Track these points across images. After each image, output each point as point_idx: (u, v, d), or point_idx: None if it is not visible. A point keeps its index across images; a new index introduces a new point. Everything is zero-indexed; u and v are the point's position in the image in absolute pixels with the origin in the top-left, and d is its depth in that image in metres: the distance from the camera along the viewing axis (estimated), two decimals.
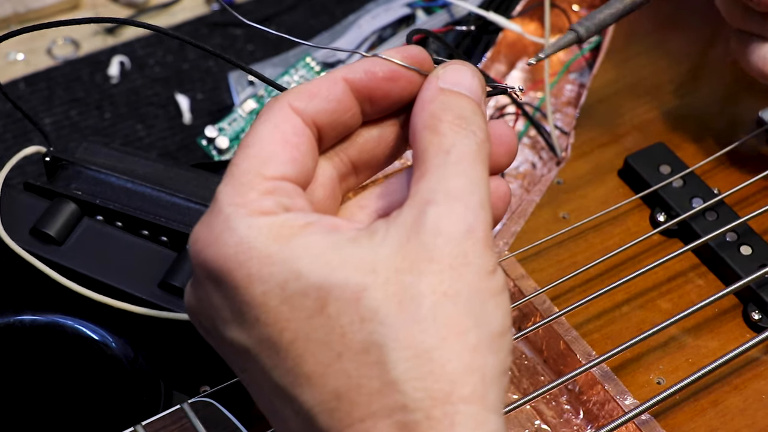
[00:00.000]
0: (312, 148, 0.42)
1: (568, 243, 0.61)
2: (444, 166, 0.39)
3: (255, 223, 0.38)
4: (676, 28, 0.74)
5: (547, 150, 0.67)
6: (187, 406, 0.48)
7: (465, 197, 0.39)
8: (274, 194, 0.39)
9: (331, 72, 0.42)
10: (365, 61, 0.42)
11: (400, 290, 0.37)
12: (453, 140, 0.40)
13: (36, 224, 0.55)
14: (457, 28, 0.72)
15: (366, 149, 0.44)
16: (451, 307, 0.37)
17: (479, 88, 0.43)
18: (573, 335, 0.56)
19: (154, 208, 0.57)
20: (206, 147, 0.72)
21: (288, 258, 0.37)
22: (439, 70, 0.42)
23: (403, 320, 0.37)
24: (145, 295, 0.53)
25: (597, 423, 0.55)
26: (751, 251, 0.60)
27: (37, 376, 0.54)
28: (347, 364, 0.37)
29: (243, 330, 0.39)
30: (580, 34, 0.48)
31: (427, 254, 0.37)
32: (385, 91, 0.42)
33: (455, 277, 0.37)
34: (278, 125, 0.41)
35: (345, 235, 0.38)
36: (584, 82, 0.71)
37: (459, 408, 0.36)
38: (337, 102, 0.42)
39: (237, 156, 0.40)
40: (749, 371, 0.56)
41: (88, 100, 0.79)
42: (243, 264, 0.38)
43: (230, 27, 0.85)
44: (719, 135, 0.67)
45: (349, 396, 0.37)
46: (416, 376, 0.36)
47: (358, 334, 0.37)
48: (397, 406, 0.36)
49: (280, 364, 0.38)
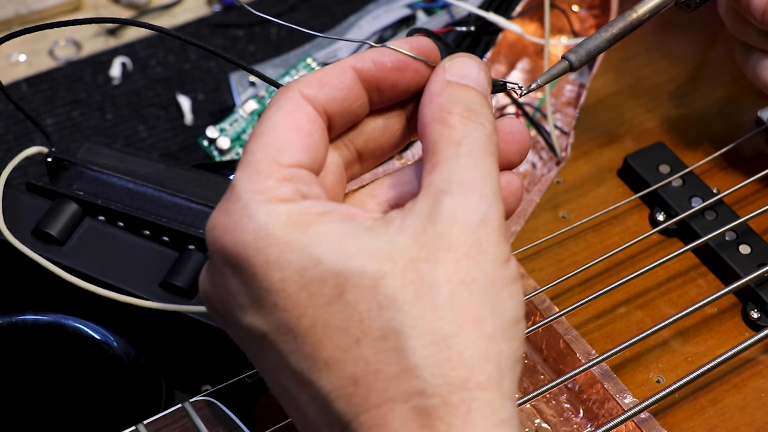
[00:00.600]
0: (324, 136, 0.42)
1: (568, 242, 0.61)
2: (456, 158, 0.40)
3: (274, 210, 0.39)
4: (676, 29, 0.74)
5: (547, 150, 0.68)
6: (188, 405, 0.48)
7: (479, 187, 0.39)
8: (291, 181, 0.40)
9: (340, 61, 0.43)
10: (373, 50, 0.43)
11: (418, 278, 0.37)
12: (463, 132, 0.40)
13: (38, 224, 0.55)
14: (457, 28, 0.72)
15: (372, 138, 0.45)
16: (468, 295, 0.38)
17: (485, 81, 0.43)
18: (573, 334, 0.57)
19: (156, 209, 0.57)
20: (207, 148, 0.72)
21: (307, 245, 0.38)
22: (445, 63, 0.43)
23: (420, 307, 0.37)
24: (147, 295, 0.53)
25: (597, 421, 0.55)
26: (750, 250, 0.60)
27: (39, 376, 0.55)
28: (365, 350, 0.37)
29: (260, 316, 0.39)
30: (572, 62, 0.49)
31: (443, 243, 0.38)
32: (393, 81, 0.43)
33: (471, 266, 0.38)
34: (291, 113, 0.41)
35: (362, 224, 0.39)
36: (584, 83, 0.71)
37: (475, 394, 0.37)
38: (347, 90, 0.42)
39: (251, 143, 0.41)
40: (748, 370, 0.56)
41: (89, 101, 0.79)
42: (262, 250, 0.38)
43: (232, 28, 0.85)
44: (718, 135, 0.67)
45: (366, 381, 0.37)
46: (434, 362, 0.37)
47: (376, 321, 0.37)
48: (414, 392, 0.37)
49: (297, 350, 0.38)
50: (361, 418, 0.37)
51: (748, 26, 0.60)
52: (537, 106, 0.70)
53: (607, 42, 0.50)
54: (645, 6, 0.52)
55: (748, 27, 0.60)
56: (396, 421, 0.37)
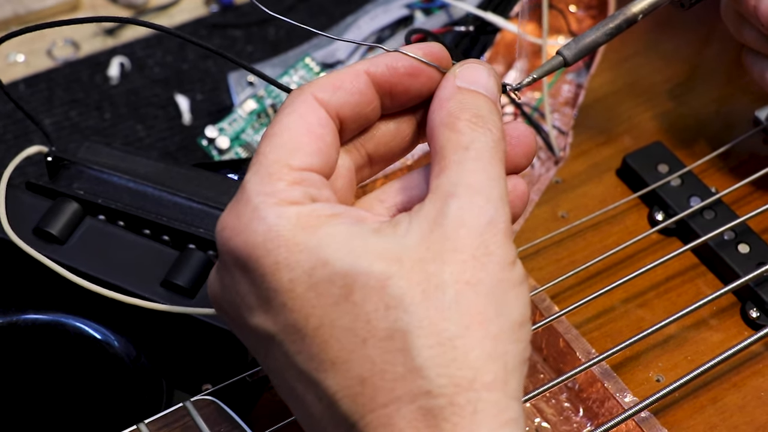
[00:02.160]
0: (336, 140, 0.43)
1: (567, 242, 0.61)
2: (463, 162, 0.40)
3: (284, 213, 0.39)
4: (673, 28, 0.74)
5: (546, 150, 0.68)
6: (189, 405, 0.48)
7: (485, 191, 0.40)
8: (301, 184, 0.40)
9: (354, 65, 0.43)
10: (387, 55, 0.43)
11: (424, 279, 0.38)
12: (471, 137, 0.41)
13: (39, 224, 0.55)
14: (455, 28, 0.72)
15: (382, 142, 0.45)
16: (474, 297, 0.38)
17: (495, 87, 0.44)
18: (573, 333, 0.57)
19: (156, 208, 0.57)
20: (207, 147, 0.72)
21: (315, 246, 0.38)
22: (456, 69, 0.44)
23: (427, 308, 0.37)
24: (148, 294, 0.53)
25: (597, 420, 0.55)
26: (749, 250, 0.60)
27: (40, 375, 0.55)
28: (372, 350, 0.37)
29: (269, 316, 0.39)
30: (566, 57, 0.49)
31: (450, 245, 0.38)
32: (406, 86, 0.43)
33: (478, 267, 0.38)
34: (303, 116, 0.42)
35: (370, 226, 0.39)
36: (582, 83, 0.72)
37: (482, 395, 0.37)
38: (360, 95, 0.43)
39: (263, 145, 0.41)
40: (748, 369, 0.56)
41: (88, 101, 0.79)
42: (271, 252, 0.39)
43: (229, 28, 0.85)
44: (716, 134, 0.67)
45: (372, 381, 0.37)
46: (440, 363, 0.37)
47: (383, 321, 0.37)
48: (420, 392, 0.37)
49: (304, 350, 0.38)
50: (367, 418, 0.37)
51: (751, 30, 0.60)
52: (535, 106, 0.71)
53: (602, 38, 0.50)
54: (640, 4, 0.52)
55: (751, 31, 0.60)
56: (402, 421, 0.37)
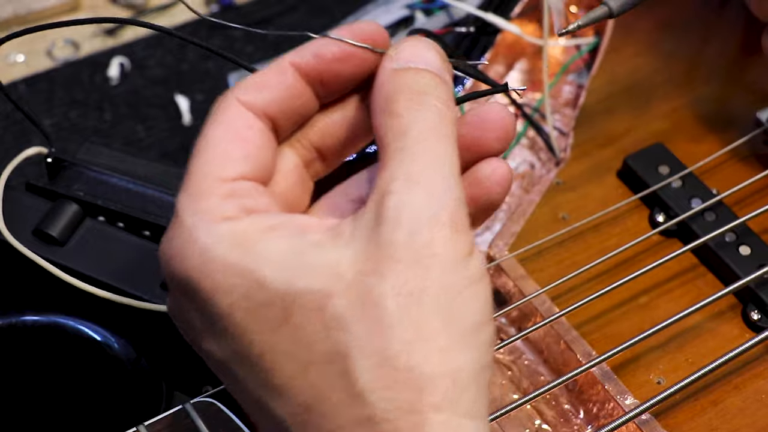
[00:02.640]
0: (268, 141, 0.40)
1: (568, 243, 0.61)
2: (402, 150, 0.37)
3: (216, 231, 0.37)
4: (674, 29, 0.74)
5: (546, 151, 0.68)
6: (189, 407, 0.48)
7: (425, 180, 0.36)
8: (234, 196, 0.38)
9: (280, 59, 0.41)
10: (314, 42, 0.40)
11: (364, 294, 0.35)
12: (410, 118, 0.38)
13: (38, 225, 0.55)
14: (456, 29, 0.72)
15: (329, 133, 0.42)
16: (416, 309, 0.35)
17: (437, 59, 0.40)
18: (573, 335, 0.57)
19: (156, 209, 0.57)
20: None
21: (249, 267, 0.36)
22: (391, 51, 0.40)
23: (366, 326, 0.35)
24: (147, 296, 0.53)
25: (597, 423, 0.55)
26: (750, 251, 0.60)
27: (39, 377, 0.54)
28: (313, 375, 0.35)
29: (214, 341, 0.38)
30: (612, 8, 0.47)
31: (388, 252, 0.35)
32: (336, 72, 0.40)
33: (420, 275, 0.35)
34: (229, 123, 0.39)
35: (310, 238, 0.37)
36: (583, 83, 0.71)
37: (428, 417, 0.34)
38: (287, 90, 0.40)
39: (191, 163, 0.39)
40: (749, 371, 0.56)
41: (87, 101, 0.79)
42: (208, 275, 0.36)
43: (229, 29, 0.85)
44: (717, 135, 0.67)
45: (317, 408, 0.35)
46: (382, 385, 0.34)
47: (323, 344, 0.35)
48: (363, 418, 0.35)
49: (252, 377, 0.37)
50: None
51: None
52: (536, 106, 0.70)
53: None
54: None
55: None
56: None
